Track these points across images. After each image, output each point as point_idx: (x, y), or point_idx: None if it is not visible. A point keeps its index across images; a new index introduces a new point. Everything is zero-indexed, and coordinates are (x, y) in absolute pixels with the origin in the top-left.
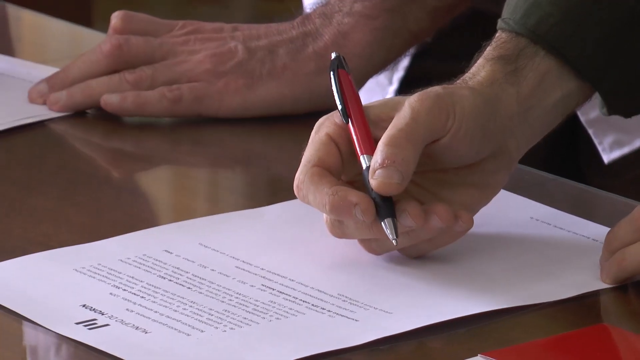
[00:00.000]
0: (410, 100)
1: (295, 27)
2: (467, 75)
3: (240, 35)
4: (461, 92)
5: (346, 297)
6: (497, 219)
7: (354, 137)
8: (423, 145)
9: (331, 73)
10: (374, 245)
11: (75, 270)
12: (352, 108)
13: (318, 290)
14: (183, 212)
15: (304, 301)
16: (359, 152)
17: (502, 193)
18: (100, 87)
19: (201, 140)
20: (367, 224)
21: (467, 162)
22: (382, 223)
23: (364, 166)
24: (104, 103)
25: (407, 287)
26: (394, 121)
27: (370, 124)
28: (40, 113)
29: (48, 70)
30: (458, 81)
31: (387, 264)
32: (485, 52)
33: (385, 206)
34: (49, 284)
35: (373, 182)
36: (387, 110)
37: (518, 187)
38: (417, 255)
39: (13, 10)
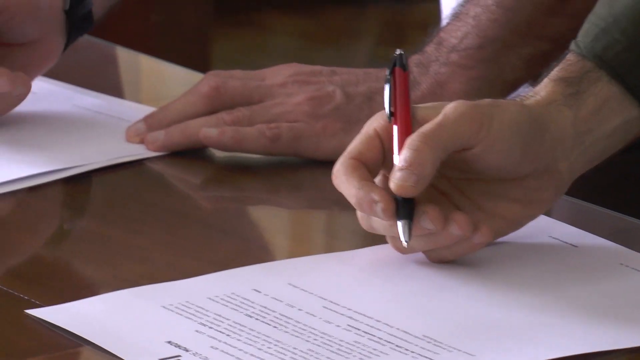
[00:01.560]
0: (447, 106)
1: None
2: (529, 93)
3: (339, 80)
4: (507, 107)
5: (430, 338)
6: (584, 263)
7: (394, 136)
8: (445, 151)
9: (388, 69)
10: (398, 244)
11: (163, 307)
12: (399, 107)
13: (403, 331)
14: (275, 253)
15: (388, 342)
16: (395, 151)
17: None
18: (198, 127)
19: (298, 182)
20: (389, 222)
21: (505, 176)
22: (398, 223)
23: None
24: (202, 136)
25: (493, 328)
26: (424, 125)
27: (416, 125)
28: (138, 152)
29: (144, 110)
30: (517, 97)
31: (475, 303)
32: (551, 72)
33: (404, 207)
34: (136, 320)
35: (391, 183)
36: (433, 112)
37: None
38: (437, 260)
39: (129, 54)
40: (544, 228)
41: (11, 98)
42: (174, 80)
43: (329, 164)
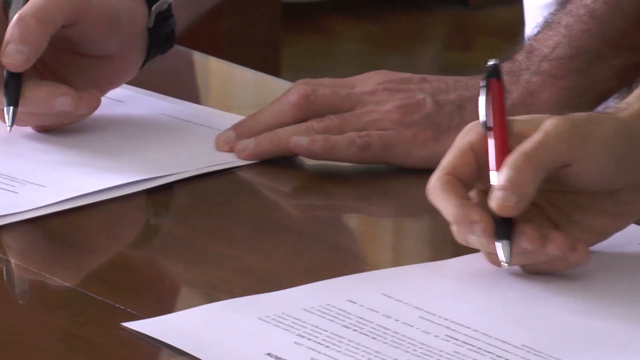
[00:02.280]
0: (546, 123)
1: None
2: (622, 104)
3: (429, 88)
4: (603, 123)
5: (530, 347)
6: None
7: (490, 151)
8: (546, 170)
9: (483, 80)
10: (494, 258)
11: (260, 319)
12: (496, 121)
13: (502, 341)
14: (367, 262)
15: (488, 352)
16: (491, 167)
17: None
18: (288, 136)
19: (388, 190)
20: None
21: (597, 190)
22: (497, 244)
23: (492, 183)
24: (293, 145)
25: (591, 338)
26: (523, 142)
27: (512, 138)
28: (228, 160)
29: (233, 118)
30: (610, 109)
31: (571, 313)
32: None
33: (503, 227)
34: (234, 332)
35: (492, 202)
36: (530, 127)
37: None
38: (534, 272)
39: (200, 57)
40: (633, 237)
41: (74, 116)
42: (247, 84)
43: (419, 171)
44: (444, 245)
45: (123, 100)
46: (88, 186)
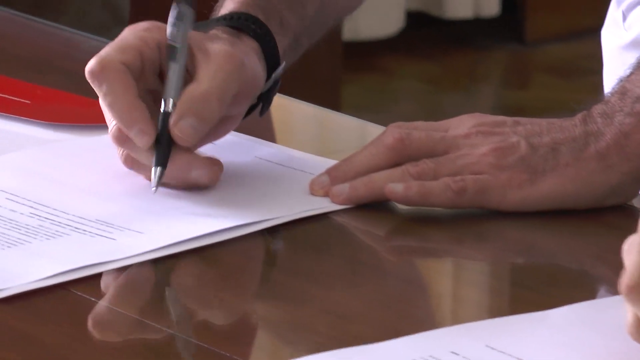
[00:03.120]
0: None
1: (578, 126)
2: None
3: (522, 131)
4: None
5: None
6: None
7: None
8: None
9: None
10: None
11: None
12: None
13: None
14: (467, 308)
15: None
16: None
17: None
18: (383, 181)
19: (484, 233)
20: None
21: None
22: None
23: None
24: (388, 191)
25: None
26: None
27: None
28: (323, 206)
29: (325, 162)
30: None
31: None
32: None
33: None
34: None
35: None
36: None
37: None
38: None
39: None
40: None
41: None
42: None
43: (515, 214)
44: (545, 289)
45: (216, 142)
46: (185, 233)
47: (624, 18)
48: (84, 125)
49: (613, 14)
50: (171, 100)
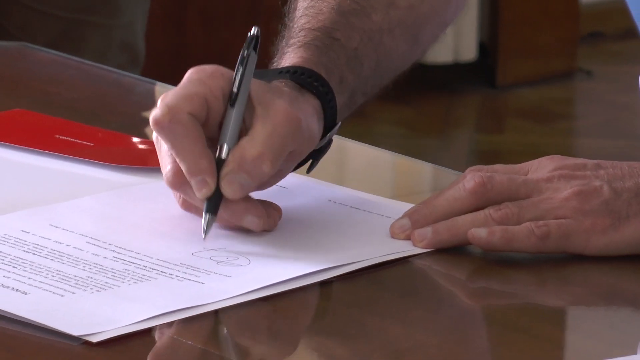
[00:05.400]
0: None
1: None
2: None
3: (605, 174)
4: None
5: None
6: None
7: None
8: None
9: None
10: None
11: None
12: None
13: None
14: (566, 352)
15: None
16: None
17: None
18: (466, 225)
19: (567, 276)
20: None
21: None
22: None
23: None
24: (471, 236)
25: None
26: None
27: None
28: (405, 249)
29: (398, 205)
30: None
31: None
32: None
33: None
34: None
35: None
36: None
37: None
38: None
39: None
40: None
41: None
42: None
43: (599, 258)
44: (632, 333)
45: (287, 186)
46: (272, 277)
47: None
48: (148, 168)
49: None
50: (225, 147)
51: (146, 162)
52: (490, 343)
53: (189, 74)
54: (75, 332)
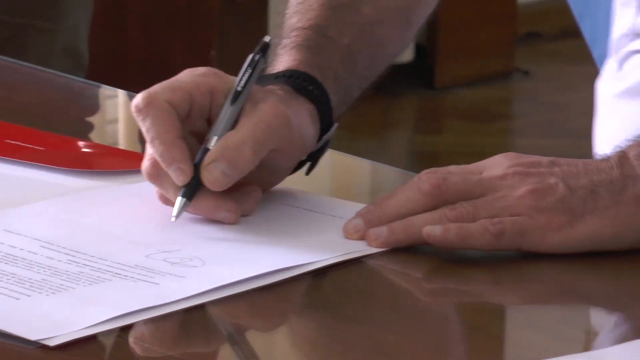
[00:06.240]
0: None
1: (615, 168)
2: None
3: (559, 172)
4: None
5: None
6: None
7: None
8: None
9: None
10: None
11: None
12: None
13: None
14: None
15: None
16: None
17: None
18: (421, 224)
19: (524, 275)
20: None
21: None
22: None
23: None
24: (426, 234)
25: None
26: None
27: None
28: (360, 249)
29: (352, 206)
30: None
31: None
32: None
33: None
34: None
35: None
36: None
37: None
38: None
39: None
40: None
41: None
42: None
43: (554, 255)
44: (587, 330)
45: None
46: (226, 277)
47: (620, 67)
48: (100, 171)
49: (610, 64)
50: (215, 139)
51: (97, 165)
52: (448, 341)
53: (183, 72)
54: (32, 337)
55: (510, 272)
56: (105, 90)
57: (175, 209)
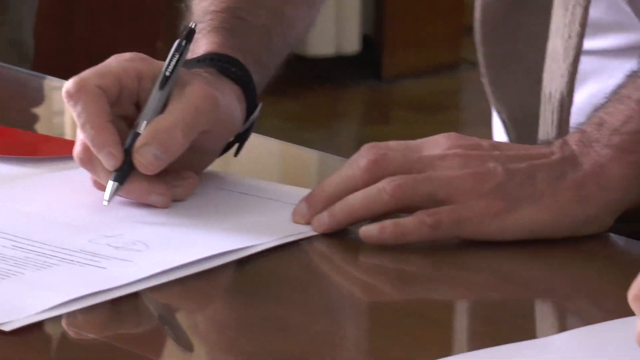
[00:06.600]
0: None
1: (555, 153)
2: None
3: (500, 155)
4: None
5: None
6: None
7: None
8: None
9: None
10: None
11: None
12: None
13: None
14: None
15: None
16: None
17: None
18: (358, 203)
19: (463, 262)
20: None
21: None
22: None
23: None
24: (363, 235)
25: None
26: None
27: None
28: (304, 230)
29: (293, 190)
30: None
31: None
32: None
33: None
34: None
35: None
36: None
37: None
38: None
39: None
40: None
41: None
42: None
43: (494, 243)
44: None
45: None
46: (170, 261)
47: None
48: (38, 158)
49: None
50: (144, 123)
51: (36, 152)
52: (388, 329)
53: (110, 57)
54: None
55: (449, 259)
56: (51, 81)
57: (106, 193)
